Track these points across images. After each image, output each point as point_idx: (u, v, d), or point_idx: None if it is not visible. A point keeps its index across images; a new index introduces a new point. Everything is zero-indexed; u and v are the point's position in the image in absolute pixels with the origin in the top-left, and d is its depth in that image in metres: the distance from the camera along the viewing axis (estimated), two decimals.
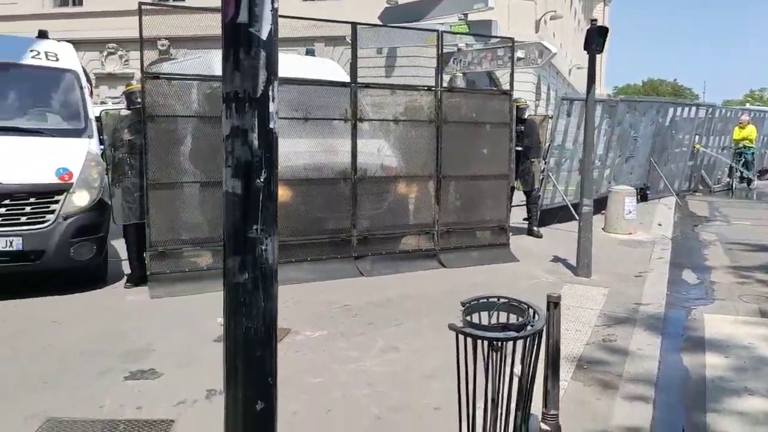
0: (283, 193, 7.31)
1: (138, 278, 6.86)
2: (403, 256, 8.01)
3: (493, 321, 3.13)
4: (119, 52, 26.50)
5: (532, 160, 10.20)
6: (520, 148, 9.84)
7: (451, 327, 2.89)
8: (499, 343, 2.79)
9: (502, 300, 3.14)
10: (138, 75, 7.07)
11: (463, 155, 8.29)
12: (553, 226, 11.24)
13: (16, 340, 5.18)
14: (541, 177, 10.65)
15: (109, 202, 6.82)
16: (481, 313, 3.16)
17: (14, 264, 6.20)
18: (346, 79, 8.02)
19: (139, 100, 6.56)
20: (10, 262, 6.16)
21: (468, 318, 3.01)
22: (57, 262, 6.39)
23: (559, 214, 11.71)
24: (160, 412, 4.00)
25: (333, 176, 7.50)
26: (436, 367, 4.83)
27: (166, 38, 27.87)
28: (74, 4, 28.02)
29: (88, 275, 6.84)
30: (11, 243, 6.13)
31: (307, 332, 5.54)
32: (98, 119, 7.27)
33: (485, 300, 3.15)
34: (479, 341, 2.82)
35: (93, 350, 5.00)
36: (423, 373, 4.73)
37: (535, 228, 10.41)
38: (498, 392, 2.87)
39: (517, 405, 2.98)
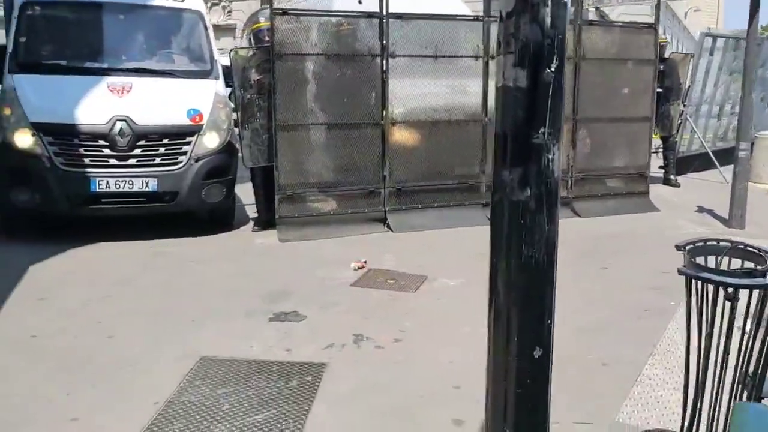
0: (410, 136, 6.99)
1: (265, 222, 6.78)
2: None
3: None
4: (222, 3, 26.67)
5: (672, 102, 9.33)
6: (659, 90, 9.00)
7: (681, 271, 2.45)
8: (736, 293, 2.32)
9: (735, 243, 2.61)
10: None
11: (601, 96, 7.65)
12: (689, 175, 10.38)
13: (159, 279, 5.18)
14: (678, 122, 9.77)
15: (237, 145, 6.73)
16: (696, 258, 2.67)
17: (149, 204, 6.23)
18: (467, 12, 7.52)
19: (267, 38, 6.35)
20: (146, 202, 6.20)
21: (692, 260, 2.54)
22: (189, 203, 6.38)
23: (695, 163, 10.80)
24: (309, 355, 3.83)
25: (463, 118, 7.08)
26: (593, 321, 4.43)
27: None
28: None
29: (217, 218, 6.83)
30: (147, 184, 6.14)
31: (444, 279, 5.25)
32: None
33: (714, 243, 2.65)
34: (719, 288, 2.34)
35: (234, 291, 4.92)
36: (580, 327, 4.34)
37: (672, 177, 9.62)
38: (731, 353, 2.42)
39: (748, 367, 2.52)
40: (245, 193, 7.33)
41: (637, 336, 4.18)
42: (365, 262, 5.55)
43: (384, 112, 6.66)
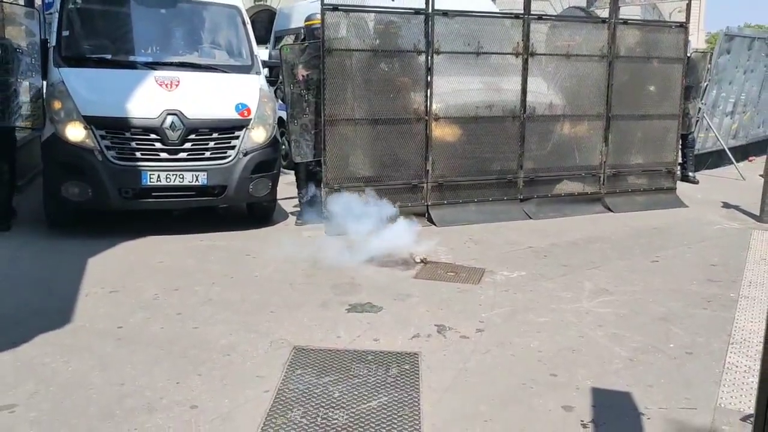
0: (452, 132, 7.08)
1: (307, 217, 6.83)
2: (568, 199, 7.67)
3: None
4: None
5: (692, 100, 9.50)
6: None
7: None
8: None
9: None
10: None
11: (633, 93, 7.80)
12: (704, 171, 10.58)
13: (221, 272, 5.21)
14: (696, 119, 9.95)
15: (279, 139, 6.77)
16: None
17: (199, 198, 6.26)
18: (494, 10, 7.63)
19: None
20: (195, 196, 6.22)
21: None
22: (237, 197, 6.42)
23: (708, 160, 11.00)
24: (399, 345, 3.91)
25: (502, 114, 7.18)
26: (663, 311, 4.54)
27: None
28: None
29: (259, 212, 6.87)
30: (197, 177, 6.16)
31: (504, 272, 5.35)
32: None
33: None
34: None
35: (300, 283, 4.98)
36: (652, 315, 4.46)
37: (690, 173, 9.81)
38: None
39: None
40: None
41: (708, 325, 4.30)
42: (425, 257, 5.63)
43: (428, 108, 6.74)
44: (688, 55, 9.34)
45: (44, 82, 6.58)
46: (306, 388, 3.34)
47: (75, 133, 5.92)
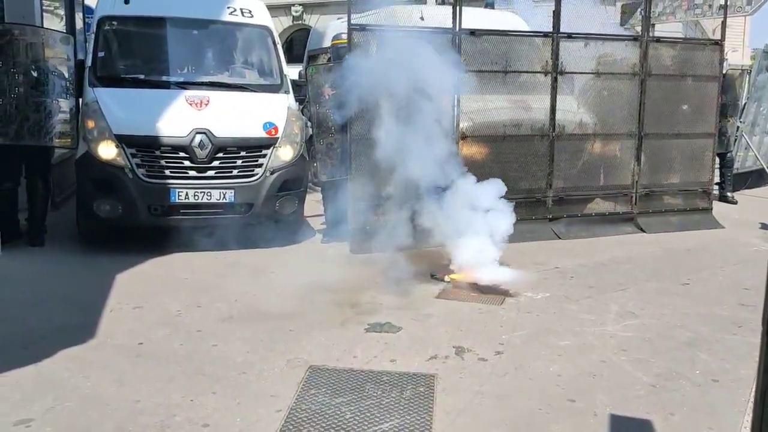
0: (480, 150, 7.04)
1: (333, 235, 6.85)
2: (598, 219, 7.54)
3: None
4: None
5: (729, 118, 9.29)
6: None
7: None
8: None
9: None
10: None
11: (666, 111, 7.65)
12: (743, 191, 10.30)
13: (243, 289, 5.25)
14: (734, 138, 9.72)
15: (306, 157, 6.83)
16: None
17: (226, 215, 6.33)
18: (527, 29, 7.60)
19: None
20: (223, 213, 6.31)
21: None
22: (263, 215, 6.48)
23: (748, 180, 10.72)
24: (415, 366, 3.87)
25: (531, 133, 7.12)
26: (690, 336, 4.41)
27: (300, 4, 28.44)
28: None
29: (287, 229, 6.90)
30: (224, 195, 6.26)
31: (528, 293, 5.26)
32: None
33: None
34: None
35: (321, 301, 4.98)
36: (679, 340, 4.33)
37: (729, 194, 9.56)
38: None
39: None
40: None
41: (737, 351, 4.16)
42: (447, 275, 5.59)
43: (456, 127, 6.72)
44: (724, 72, 9.17)
45: (79, 102, 6.77)
46: (318, 408, 3.33)
47: (107, 151, 6.07)
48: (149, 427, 3.09)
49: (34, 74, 6.35)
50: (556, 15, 6.94)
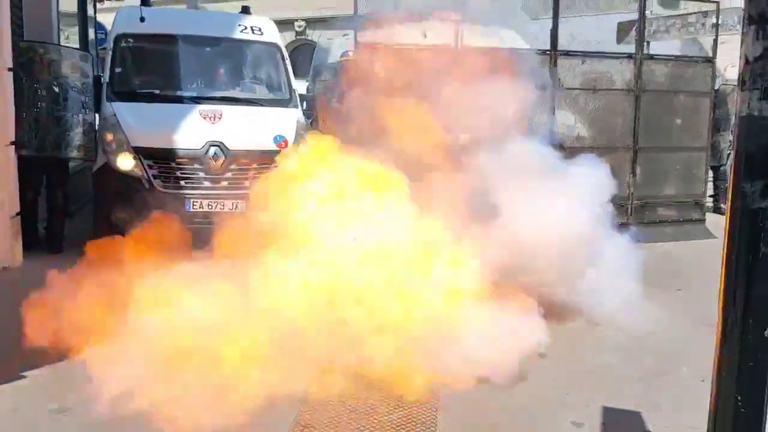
0: None
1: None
2: None
3: None
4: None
5: (722, 132, 9.59)
6: None
7: None
8: None
9: None
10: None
11: (659, 126, 7.96)
12: None
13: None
14: (728, 152, 10.01)
15: None
16: None
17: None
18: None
19: None
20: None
21: None
22: None
23: None
24: None
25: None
26: (679, 339, 4.68)
27: (303, 19, 28.89)
28: None
29: None
30: (236, 206, 6.54)
31: None
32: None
33: None
34: None
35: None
36: (668, 343, 4.59)
37: (722, 205, 9.82)
38: None
39: None
40: None
41: None
42: None
43: None
44: (716, 88, 9.48)
45: (97, 116, 7.07)
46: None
47: (125, 162, 6.36)
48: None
49: (56, 90, 6.67)
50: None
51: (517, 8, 7.90)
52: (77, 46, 10.05)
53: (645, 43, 8.67)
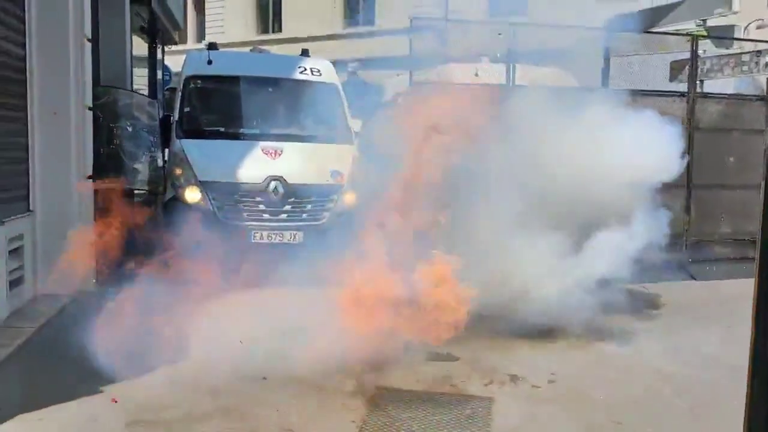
0: None
1: None
2: (648, 265, 7.78)
3: None
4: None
5: None
6: None
7: None
8: None
9: None
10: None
11: (713, 163, 7.96)
12: None
13: (324, 321, 5.72)
14: None
15: None
16: None
17: (295, 255, 6.87)
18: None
19: None
20: (292, 253, 6.85)
21: None
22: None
23: None
24: (473, 390, 4.26)
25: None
26: (730, 372, 4.65)
27: (358, 59, 29.61)
28: (273, 31, 30.04)
29: None
30: (294, 236, 6.82)
31: (577, 330, 5.54)
32: None
33: None
34: None
35: (385, 331, 5.38)
36: (721, 376, 4.58)
37: None
38: None
39: None
40: None
41: None
42: None
43: None
44: None
45: (166, 152, 7.52)
46: (389, 421, 3.74)
47: (192, 196, 6.74)
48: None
49: (128, 129, 7.15)
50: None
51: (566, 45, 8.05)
52: (146, 84, 10.74)
53: (698, 82, 8.73)
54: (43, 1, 5.73)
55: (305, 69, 8.13)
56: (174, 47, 15.82)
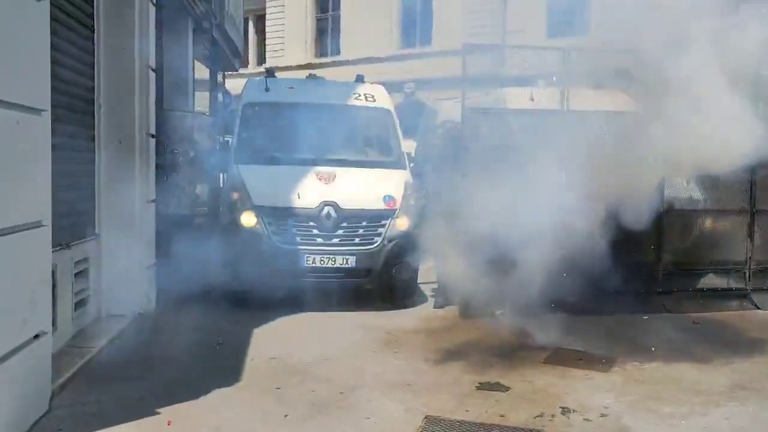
0: None
1: (444, 300, 7.30)
2: (709, 294, 7.55)
3: None
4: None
5: None
6: None
7: None
8: None
9: None
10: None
11: None
12: None
13: (368, 347, 5.78)
14: None
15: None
16: None
17: (347, 279, 6.97)
18: None
19: None
20: (345, 277, 6.95)
21: None
22: (381, 280, 7.07)
23: None
24: (522, 421, 4.21)
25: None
26: None
27: (413, 81, 29.76)
28: (331, 54, 30.38)
29: (402, 293, 7.41)
30: (347, 261, 6.92)
31: (635, 362, 5.43)
32: None
33: None
34: None
35: (438, 360, 5.43)
36: None
37: None
38: None
39: None
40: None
41: None
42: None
43: None
44: None
45: (224, 175, 7.75)
46: None
47: (248, 220, 6.92)
48: None
49: (191, 154, 7.41)
50: None
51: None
52: (207, 107, 11.11)
53: None
54: (110, 35, 6.02)
55: (359, 95, 8.29)
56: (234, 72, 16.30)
